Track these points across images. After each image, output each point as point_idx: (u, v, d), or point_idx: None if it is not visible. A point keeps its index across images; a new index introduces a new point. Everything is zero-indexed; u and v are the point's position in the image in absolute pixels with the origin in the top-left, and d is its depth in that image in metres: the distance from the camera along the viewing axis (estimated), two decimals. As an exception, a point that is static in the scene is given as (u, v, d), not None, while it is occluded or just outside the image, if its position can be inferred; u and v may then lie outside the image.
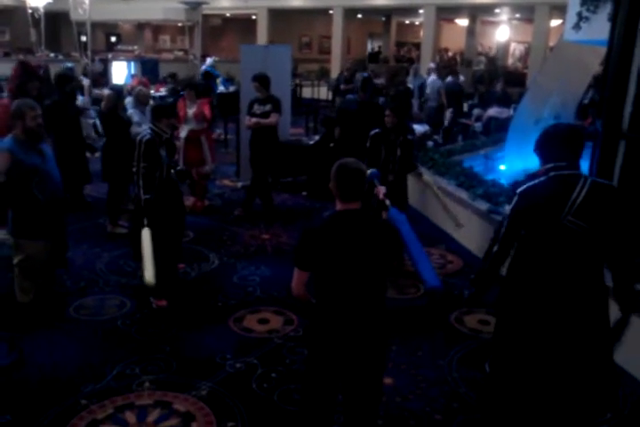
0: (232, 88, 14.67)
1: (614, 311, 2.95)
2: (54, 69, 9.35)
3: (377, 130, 5.44)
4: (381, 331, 2.71)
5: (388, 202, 4.09)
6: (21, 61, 7.30)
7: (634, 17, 4.97)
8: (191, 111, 7.04)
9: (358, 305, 2.63)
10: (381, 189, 4.22)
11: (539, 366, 2.91)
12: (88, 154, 7.31)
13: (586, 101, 7.86)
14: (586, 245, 2.81)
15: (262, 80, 6.72)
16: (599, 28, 5.96)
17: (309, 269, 2.66)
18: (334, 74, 18.06)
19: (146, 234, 4.46)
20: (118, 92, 6.94)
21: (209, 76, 13.70)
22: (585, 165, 3.65)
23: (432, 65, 13.55)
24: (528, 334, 2.92)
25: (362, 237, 2.59)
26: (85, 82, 13.02)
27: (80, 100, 11.46)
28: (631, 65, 5.06)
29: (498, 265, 3.06)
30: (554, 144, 2.91)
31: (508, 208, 2.99)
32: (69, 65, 13.98)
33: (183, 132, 7.01)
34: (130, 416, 3.45)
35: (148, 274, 4.28)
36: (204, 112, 7.08)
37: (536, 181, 2.89)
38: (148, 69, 15.95)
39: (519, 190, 2.91)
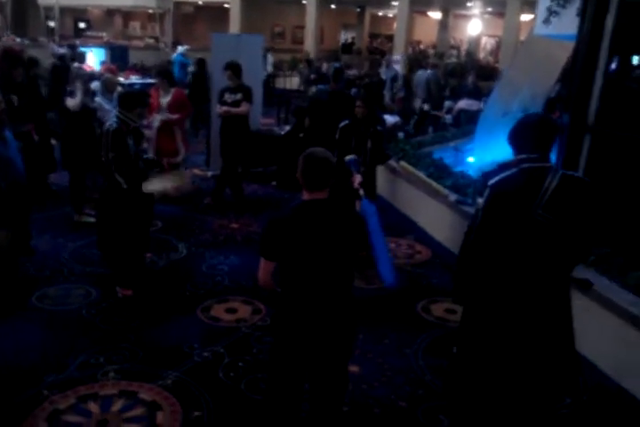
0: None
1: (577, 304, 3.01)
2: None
3: (346, 121, 5.42)
4: (348, 320, 2.71)
5: (362, 192, 4.09)
6: (5, 48, 7.04)
7: (601, 12, 5.04)
8: (165, 100, 6.94)
9: (323, 294, 2.63)
10: (357, 178, 4.22)
11: (503, 353, 2.95)
12: (53, 141, 7.14)
13: (553, 95, 7.96)
14: (553, 237, 2.82)
15: (235, 68, 6.66)
16: (568, 22, 6.03)
17: (274, 258, 2.65)
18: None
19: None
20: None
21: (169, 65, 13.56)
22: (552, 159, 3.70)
23: (397, 57, 13.67)
24: (494, 322, 2.96)
25: (327, 227, 2.58)
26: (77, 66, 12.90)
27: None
28: (598, 60, 5.14)
29: (474, 258, 3.04)
30: (527, 135, 2.92)
31: (480, 200, 2.98)
32: (62, 51, 13.72)
33: (156, 122, 6.90)
34: (93, 406, 3.40)
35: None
36: (183, 102, 7.01)
37: (507, 173, 2.90)
38: (118, 56, 15.66)
39: (490, 183, 2.90)
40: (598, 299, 3.91)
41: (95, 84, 6.61)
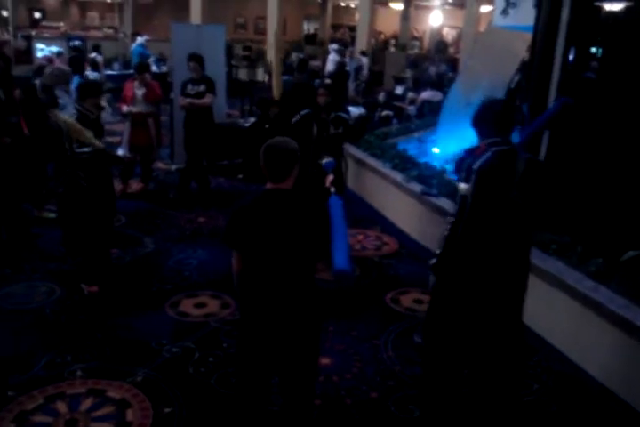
0: (165, 68, 14.28)
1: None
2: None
3: (307, 110, 5.38)
4: (312, 311, 2.71)
5: (332, 189, 4.10)
6: None
7: (556, 4, 5.14)
8: (140, 92, 6.83)
9: (285, 284, 2.62)
10: (329, 178, 4.25)
11: (469, 316, 3.10)
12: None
13: (512, 86, 8.09)
14: (521, 215, 2.98)
15: (200, 59, 6.59)
16: (526, 14, 6.14)
17: (236, 247, 2.63)
18: (270, 55, 17.84)
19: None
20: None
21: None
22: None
23: (334, 46, 13.82)
24: (465, 289, 3.10)
25: (288, 216, 2.57)
26: (99, 58, 13.16)
27: (96, 75, 11.27)
28: (555, 51, 5.25)
29: (463, 248, 3.07)
30: (492, 119, 3.03)
31: (463, 186, 3.03)
32: (77, 43, 13.82)
33: (125, 109, 6.86)
34: (61, 406, 3.35)
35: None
36: (157, 94, 6.92)
37: (485, 157, 2.98)
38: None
39: (476, 167, 2.97)
40: (560, 286, 4.02)
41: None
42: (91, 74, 11.69)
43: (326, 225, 2.75)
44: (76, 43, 14.51)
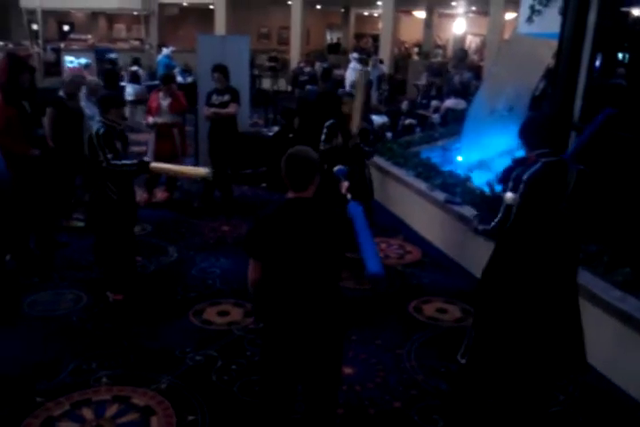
0: (190, 79, 14.45)
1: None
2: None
3: (332, 120, 5.41)
4: (336, 319, 2.70)
5: (349, 196, 4.11)
6: (9, 52, 6.91)
7: (583, 11, 5.09)
8: (165, 103, 6.92)
9: (307, 293, 2.61)
10: (344, 184, 4.24)
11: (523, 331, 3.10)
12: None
13: (537, 93, 8.02)
14: (570, 226, 3.00)
15: (224, 70, 6.67)
16: (551, 21, 6.09)
17: (258, 256, 2.64)
18: (293, 65, 17.98)
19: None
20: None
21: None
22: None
23: (355, 55, 13.90)
24: (518, 307, 3.09)
25: (310, 225, 2.58)
26: (140, 71, 13.40)
27: (137, 88, 11.54)
28: (581, 57, 5.19)
29: (508, 263, 3.15)
30: (540, 131, 3.06)
31: (510, 196, 3.04)
32: (112, 56, 14.03)
33: (151, 120, 6.94)
34: (87, 412, 3.40)
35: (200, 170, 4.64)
36: (182, 104, 7.01)
37: (535, 167, 3.00)
38: (103, 59, 15.56)
39: (525, 177, 2.98)
40: (586, 296, 3.95)
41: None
42: (131, 86, 11.88)
43: (351, 235, 2.76)
44: (112, 56, 14.59)
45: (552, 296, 3.05)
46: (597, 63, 5.49)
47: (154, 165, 4.74)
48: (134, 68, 13.80)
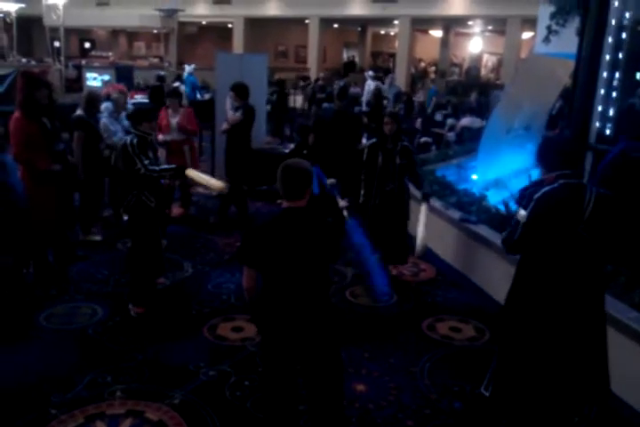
0: (207, 96, 14.66)
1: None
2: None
3: (373, 140, 5.39)
4: (326, 322, 2.82)
5: (345, 213, 4.11)
6: (22, 72, 6.99)
7: (600, 32, 5.11)
8: (174, 121, 6.99)
9: (303, 300, 2.75)
10: (341, 203, 4.24)
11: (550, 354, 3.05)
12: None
13: (554, 112, 8.03)
14: (589, 250, 2.97)
15: (238, 90, 6.75)
16: (568, 41, 6.12)
17: (253, 264, 2.77)
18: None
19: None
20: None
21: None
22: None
23: (370, 73, 14.00)
24: (540, 327, 3.06)
25: (303, 233, 2.71)
26: (182, 88, 13.47)
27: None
28: (598, 77, 5.21)
29: (527, 289, 3.14)
30: (559, 153, 3.05)
31: (522, 213, 3.05)
32: (162, 73, 14.35)
33: (161, 137, 6.99)
34: (101, 426, 3.41)
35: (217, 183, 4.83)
36: (192, 128, 7.06)
37: (550, 187, 3.00)
38: (123, 76, 15.84)
39: (536, 196, 2.99)
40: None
41: (105, 106, 6.64)
42: None
43: (338, 244, 2.89)
44: (161, 73, 14.88)
45: (578, 321, 3.00)
46: (615, 83, 5.48)
47: (189, 170, 4.99)
48: (177, 83, 13.92)
